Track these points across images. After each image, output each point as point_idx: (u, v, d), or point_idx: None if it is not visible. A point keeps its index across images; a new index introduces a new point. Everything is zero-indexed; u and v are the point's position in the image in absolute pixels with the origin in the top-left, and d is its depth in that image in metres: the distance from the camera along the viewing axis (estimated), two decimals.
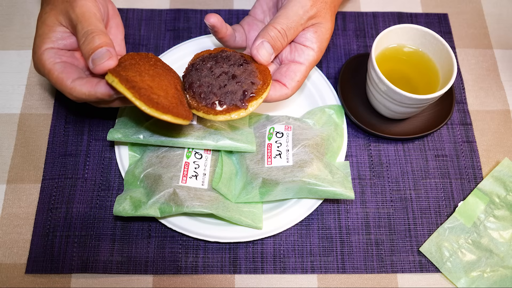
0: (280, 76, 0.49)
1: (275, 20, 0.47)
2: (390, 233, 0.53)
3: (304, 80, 0.50)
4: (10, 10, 0.65)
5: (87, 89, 0.44)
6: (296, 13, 0.47)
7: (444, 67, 0.54)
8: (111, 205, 0.53)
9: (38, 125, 0.58)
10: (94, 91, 0.44)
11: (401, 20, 0.66)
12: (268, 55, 0.47)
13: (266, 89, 0.46)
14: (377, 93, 0.54)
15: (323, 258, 0.52)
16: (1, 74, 0.60)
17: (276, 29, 0.47)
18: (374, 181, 0.56)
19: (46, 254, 0.51)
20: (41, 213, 0.53)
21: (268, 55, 0.47)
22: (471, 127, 0.59)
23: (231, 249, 0.52)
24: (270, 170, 0.50)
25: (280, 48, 0.48)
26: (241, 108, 0.45)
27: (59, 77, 0.45)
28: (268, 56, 0.47)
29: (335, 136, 0.55)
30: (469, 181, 0.56)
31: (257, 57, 0.47)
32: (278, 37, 0.47)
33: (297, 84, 0.49)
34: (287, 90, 0.49)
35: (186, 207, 0.48)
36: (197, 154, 0.52)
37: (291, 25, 0.47)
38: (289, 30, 0.47)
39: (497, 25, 0.67)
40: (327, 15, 0.49)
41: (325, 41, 0.49)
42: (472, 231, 0.52)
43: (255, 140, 0.53)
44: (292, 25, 0.47)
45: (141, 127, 0.52)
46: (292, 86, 0.49)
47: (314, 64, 0.50)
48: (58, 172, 0.55)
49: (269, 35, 0.47)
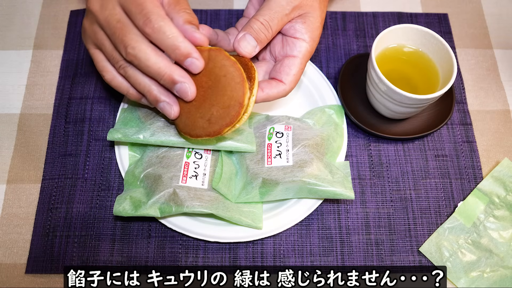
0: (275, 73, 0.49)
1: (258, 12, 0.46)
2: (390, 233, 0.53)
3: (301, 73, 0.49)
4: (10, 10, 0.65)
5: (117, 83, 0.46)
6: (278, 3, 0.46)
7: (444, 67, 0.54)
8: (111, 205, 0.53)
9: (38, 125, 0.58)
10: (126, 91, 0.46)
11: (401, 20, 0.66)
12: (250, 47, 0.46)
13: (253, 86, 0.45)
14: (377, 93, 0.54)
15: (323, 258, 0.52)
16: (1, 74, 0.60)
17: (258, 21, 0.46)
18: (374, 181, 0.56)
19: (46, 254, 0.51)
20: (41, 213, 0.53)
21: (251, 47, 0.46)
22: (471, 127, 0.59)
23: (231, 249, 0.52)
24: (270, 170, 0.50)
25: (264, 40, 0.47)
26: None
27: None
28: (250, 48, 0.46)
29: (335, 136, 0.55)
30: (469, 181, 0.56)
31: (238, 50, 0.46)
32: (261, 29, 0.46)
33: (294, 78, 0.48)
34: (284, 86, 0.48)
35: (186, 207, 0.48)
36: (197, 154, 0.52)
37: (274, 15, 0.46)
38: (273, 21, 0.46)
39: (497, 25, 0.67)
40: (315, 3, 0.48)
41: (316, 30, 0.48)
42: (472, 231, 0.52)
43: (255, 140, 0.53)
44: (275, 16, 0.46)
45: (141, 127, 0.52)
46: (289, 80, 0.48)
47: (308, 55, 0.49)
48: (58, 172, 0.55)
49: (252, 28, 0.46)
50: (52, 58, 0.62)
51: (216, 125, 0.44)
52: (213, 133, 0.44)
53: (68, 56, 0.62)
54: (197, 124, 0.44)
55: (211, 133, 0.44)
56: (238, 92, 0.43)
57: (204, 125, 0.44)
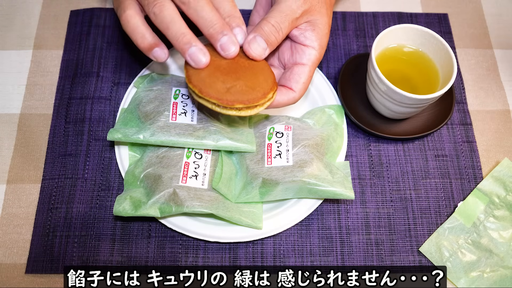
0: (285, 81, 0.49)
1: (268, 15, 0.46)
2: (390, 233, 0.53)
3: (310, 81, 0.49)
4: (10, 10, 0.65)
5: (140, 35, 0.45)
6: (289, 7, 0.46)
7: (444, 67, 0.54)
8: (111, 205, 0.53)
9: (38, 125, 0.58)
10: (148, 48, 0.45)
11: (401, 20, 0.66)
12: (261, 49, 0.46)
13: (275, 92, 0.47)
14: (377, 93, 0.54)
15: (323, 258, 0.52)
16: (1, 74, 0.60)
17: (269, 23, 0.45)
18: (374, 181, 0.56)
19: (46, 254, 0.51)
20: (41, 213, 0.53)
21: (262, 50, 0.46)
22: (471, 127, 0.59)
23: (231, 249, 0.52)
24: (270, 170, 0.50)
25: (274, 42, 0.46)
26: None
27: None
28: (261, 51, 0.46)
29: (335, 136, 0.55)
30: (469, 181, 0.56)
31: (248, 52, 0.46)
32: (272, 31, 0.46)
33: (303, 86, 0.48)
34: (294, 93, 0.48)
35: (186, 207, 0.48)
36: (197, 154, 0.52)
37: (284, 18, 0.46)
38: (283, 23, 0.46)
39: (497, 25, 0.67)
40: (323, 9, 0.48)
41: (324, 37, 0.48)
42: (472, 231, 0.52)
43: (255, 140, 0.53)
44: (286, 19, 0.46)
45: (141, 127, 0.52)
46: (298, 88, 0.48)
47: (317, 62, 0.49)
48: (58, 172, 0.55)
49: (262, 30, 0.45)
50: (52, 58, 0.62)
51: (232, 96, 0.44)
52: (224, 101, 0.44)
53: (68, 56, 0.62)
54: (215, 85, 0.44)
55: (222, 99, 0.44)
56: (267, 84, 0.45)
57: (221, 89, 0.44)
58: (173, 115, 0.52)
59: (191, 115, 0.52)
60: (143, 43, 0.45)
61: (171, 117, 0.51)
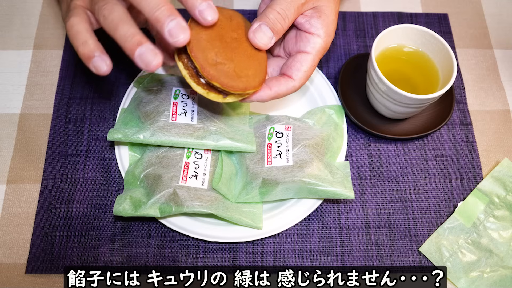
0: (286, 69, 0.47)
1: (273, 2, 0.45)
2: (390, 233, 0.53)
3: (313, 70, 0.47)
4: (10, 10, 0.65)
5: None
6: None
7: (444, 67, 0.54)
8: (111, 205, 0.53)
9: (38, 125, 0.58)
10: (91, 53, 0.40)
11: (401, 20, 0.66)
12: (266, 38, 0.44)
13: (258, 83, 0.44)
14: (377, 93, 0.54)
15: (323, 258, 0.52)
16: (1, 74, 0.60)
17: (275, 10, 0.44)
18: (374, 181, 0.56)
19: (46, 254, 0.51)
20: (41, 213, 0.53)
21: (267, 39, 0.44)
22: (471, 127, 0.59)
23: (231, 249, 0.52)
24: (270, 170, 0.50)
25: (280, 30, 0.45)
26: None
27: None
28: (266, 40, 0.44)
29: (335, 136, 0.55)
30: (469, 181, 0.56)
31: (254, 41, 0.44)
32: (278, 19, 0.44)
33: (304, 75, 0.47)
34: (293, 82, 0.47)
35: (186, 207, 0.48)
36: (197, 154, 0.52)
37: (290, 5, 0.44)
38: (289, 10, 0.44)
39: (497, 25, 0.67)
40: None
41: (331, 24, 0.47)
42: (471, 231, 0.52)
43: (255, 140, 0.53)
44: (291, 5, 0.44)
45: (141, 127, 0.52)
46: (299, 77, 0.46)
47: (323, 51, 0.47)
48: (58, 172, 0.55)
49: (267, 17, 0.44)
50: (52, 58, 0.62)
51: (215, 72, 0.41)
52: (206, 72, 0.41)
53: (68, 56, 0.62)
54: (207, 52, 0.41)
55: (205, 69, 0.41)
56: (254, 80, 0.44)
57: (210, 59, 0.41)
58: (173, 115, 0.52)
59: (191, 115, 0.52)
60: (83, 50, 0.40)
61: (171, 117, 0.51)
